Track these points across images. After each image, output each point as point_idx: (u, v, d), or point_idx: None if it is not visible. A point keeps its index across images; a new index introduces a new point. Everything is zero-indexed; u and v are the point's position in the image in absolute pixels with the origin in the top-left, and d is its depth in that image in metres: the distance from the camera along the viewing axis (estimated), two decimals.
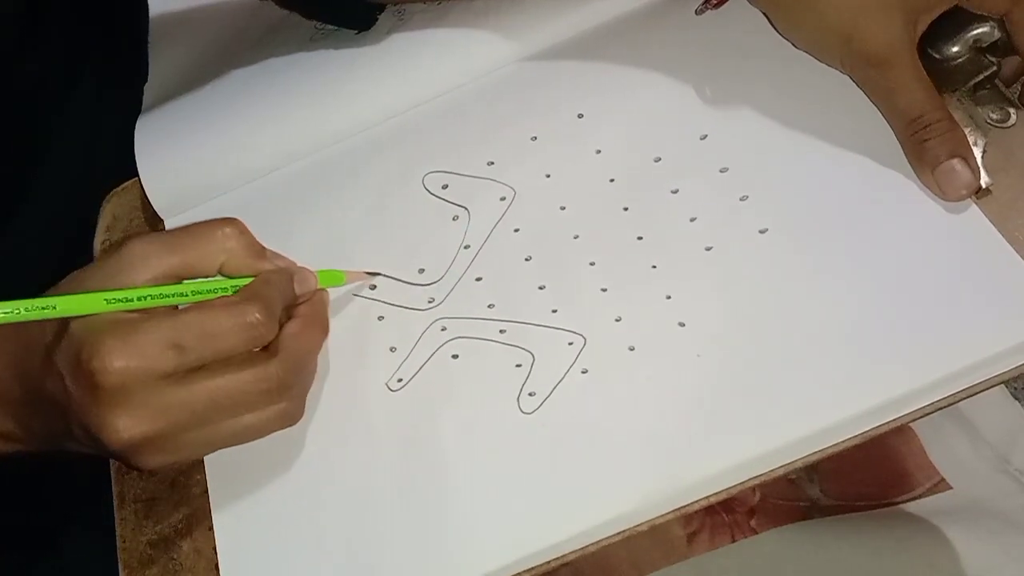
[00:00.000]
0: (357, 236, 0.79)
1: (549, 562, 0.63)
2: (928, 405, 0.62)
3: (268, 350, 0.66)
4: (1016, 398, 0.83)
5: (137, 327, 0.61)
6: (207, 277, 0.68)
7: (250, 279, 0.68)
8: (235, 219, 0.68)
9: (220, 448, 0.67)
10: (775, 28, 0.76)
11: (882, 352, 0.64)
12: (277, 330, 0.66)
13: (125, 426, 0.61)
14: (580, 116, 0.79)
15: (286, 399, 0.66)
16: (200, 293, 0.65)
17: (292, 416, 0.68)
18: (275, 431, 0.67)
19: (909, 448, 0.86)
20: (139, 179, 0.84)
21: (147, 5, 0.97)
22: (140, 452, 0.63)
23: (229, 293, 0.67)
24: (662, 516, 0.63)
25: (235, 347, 0.63)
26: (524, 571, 0.63)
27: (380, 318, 0.75)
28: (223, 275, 0.68)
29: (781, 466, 0.63)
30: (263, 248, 0.70)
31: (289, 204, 0.83)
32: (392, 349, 0.73)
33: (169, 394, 0.62)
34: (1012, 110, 0.69)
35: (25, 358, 0.66)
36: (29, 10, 0.81)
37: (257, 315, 0.63)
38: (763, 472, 0.63)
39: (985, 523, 0.82)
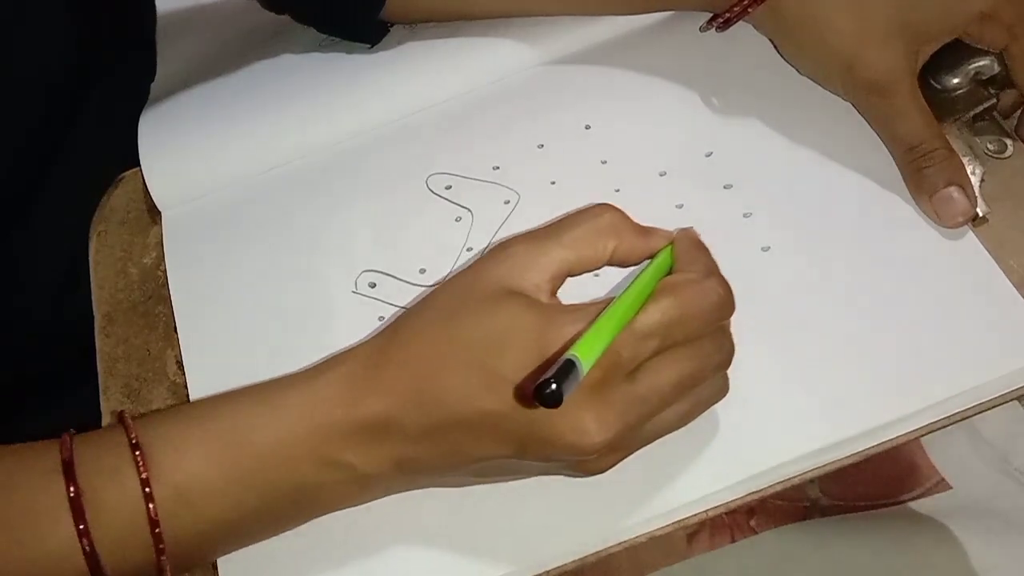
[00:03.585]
0: (358, 233, 0.85)
1: (549, 571, 0.70)
2: (908, 432, 0.70)
3: None
4: (1016, 398, 0.90)
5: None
6: (597, 267, 0.70)
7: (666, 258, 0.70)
8: (609, 204, 0.71)
9: (667, 434, 0.68)
10: (780, 53, 0.84)
11: (874, 374, 0.71)
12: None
13: (597, 427, 0.62)
14: (587, 127, 0.86)
15: (728, 365, 0.69)
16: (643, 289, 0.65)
17: (727, 385, 0.70)
18: (714, 404, 0.69)
19: (909, 448, 0.91)
20: (140, 170, 0.89)
21: (154, 4, 1.03)
22: (601, 455, 0.64)
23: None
24: (662, 528, 0.70)
25: (704, 328, 0.65)
26: None
27: (380, 318, 0.80)
28: (614, 263, 0.70)
29: (777, 482, 0.70)
30: (644, 226, 0.72)
31: (290, 200, 0.88)
32: None
33: (639, 384, 0.63)
34: (1009, 141, 0.77)
35: (432, 382, 0.65)
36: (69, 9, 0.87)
37: (721, 291, 0.66)
38: (759, 488, 0.70)
39: (985, 523, 0.87)
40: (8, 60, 0.83)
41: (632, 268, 0.73)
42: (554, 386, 0.55)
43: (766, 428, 0.71)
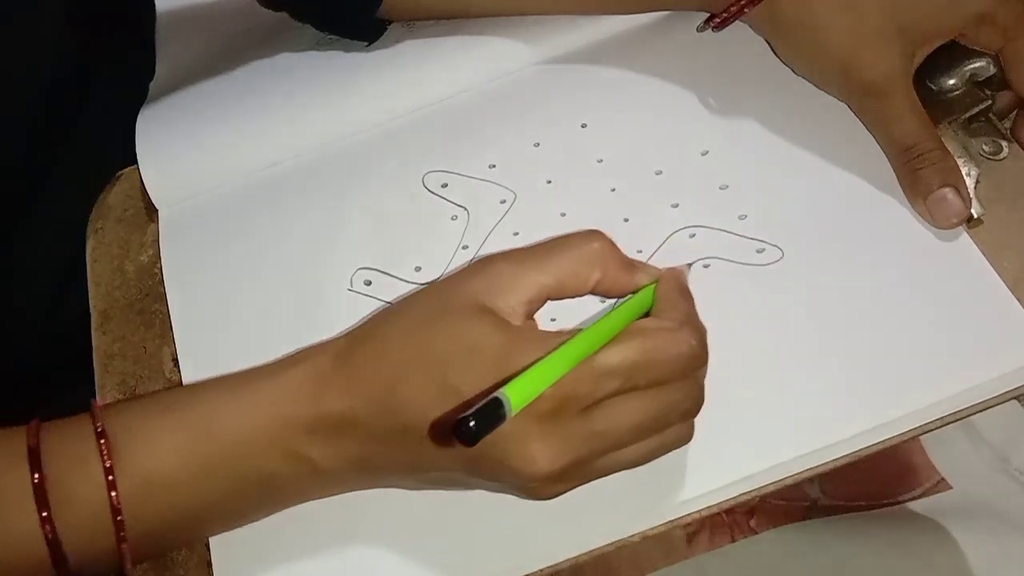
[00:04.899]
0: (354, 231, 0.85)
1: (542, 570, 0.70)
2: (903, 433, 0.71)
3: None
4: (1016, 398, 0.90)
5: None
6: (579, 296, 0.71)
7: (650, 289, 0.71)
8: (599, 232, 0.71)
9: (624, 470, 0.68)
10: (776, 54, 0.85)
11: (868, 376, 0.72)
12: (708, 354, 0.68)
13: (545, 457, 0.62)
14: (583, 126, 0.87)
15: (696, 414, 0.68)
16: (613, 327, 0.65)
17: (692, 432, 0.69)
18: (675, 449, 0.68)
19: (909, 448, 0.91)
20: (137, 168, 0.90)
21: (154, 3, 1.04)
22: (548, 483, 0.65)
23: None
24: (656, 527, 0.70)
25: (671, 376, 0.65)
26: None
27: None
28: (596, 293, 0.71)
29: (776, 482, 0.71)
30: (631, 259, 0.72)
31: (287, 198, 0.89)
32: None
33: (596, 421, 0.64)
34: (1004, 143, 0.78)
35: (394, 389, 0.66)
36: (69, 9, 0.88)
37: (694, 342, 0.65)
38: (758, 488, 0.71)
39: (985, 523, 0.87)
40: (8, 59, 0.84)
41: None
42: (472, 424, 0.55)
43: (764, 428, 0.72)
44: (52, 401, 0.91)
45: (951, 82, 0.79)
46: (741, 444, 0.72)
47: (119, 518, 0.66)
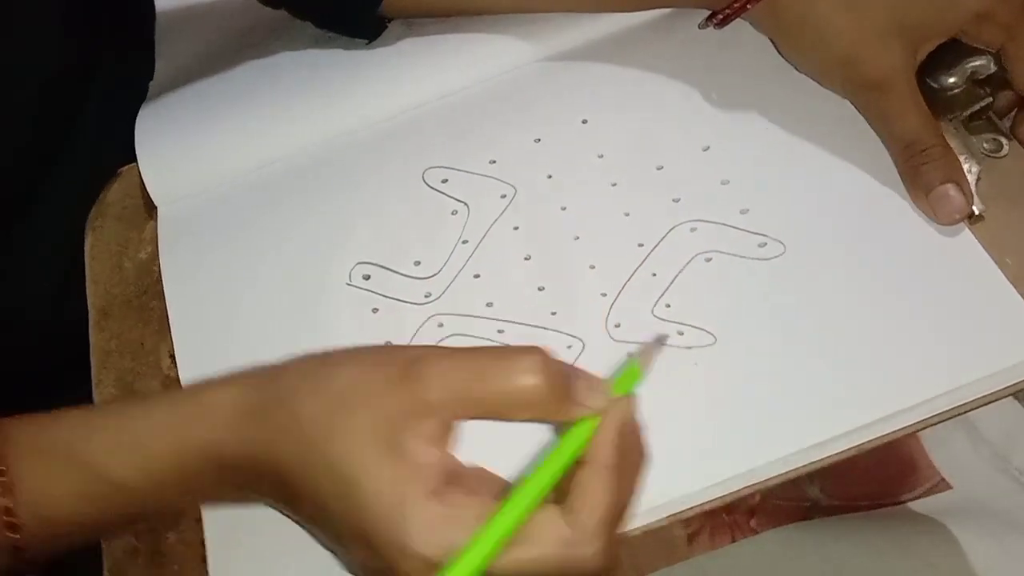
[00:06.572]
0: (353, 226, 0.85)
1: None
2: (904, 428, 0.71)
3: None
4: (1016, 398, 0.90)
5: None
6: (505, 419, 0.62)
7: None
8: (539, 349, 0.62)
9: None
10: (778, 51, 0.85)
11: (871, 370, 0.72)
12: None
13: None
14: (584, 122, 0.87)
15: None
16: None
17: None
18: None
19: (909, 448, 0.92)
20: (137, 165, 0.90)
21: (153, 3, 1.05)
22: None
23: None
24: (657, 522, 0.70)
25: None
26: None
27: (375, 310, 0.81)
28: (526, 419, 0.63)
29: (776, 476, 0.71)
30: (568, 384, 0.62)
31: (286, 195, 0.89)
32: (387, 343, 0.79)
33: None
34: (1005, 141, 0.78)
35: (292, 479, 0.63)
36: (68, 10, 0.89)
37: (599, 555, 0.58)
38: (759, 482, 0.71)
39: (985, 523, 0.88)
40: (8, 59, 0.85)
41: None
42: None
43: (765, 422, 0.72)
44: (53, 401, 0.92)
45: (952, 80, 0.80)
46: (742, 438, 0.72)
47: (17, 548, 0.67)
